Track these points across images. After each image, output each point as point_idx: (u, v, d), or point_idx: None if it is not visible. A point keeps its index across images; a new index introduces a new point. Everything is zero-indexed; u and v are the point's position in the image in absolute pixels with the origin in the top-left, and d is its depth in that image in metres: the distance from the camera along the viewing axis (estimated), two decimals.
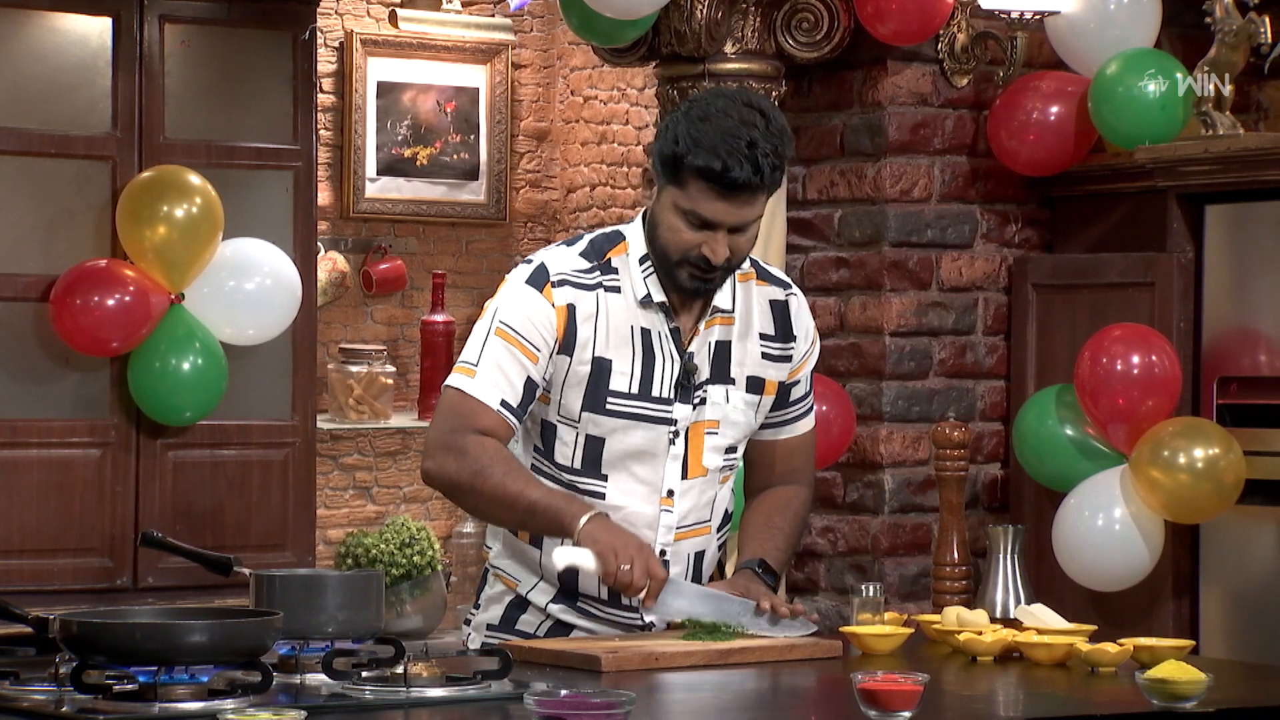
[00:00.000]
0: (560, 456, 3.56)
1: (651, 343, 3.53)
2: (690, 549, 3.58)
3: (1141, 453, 5.10)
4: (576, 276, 3.52)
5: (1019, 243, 5.77)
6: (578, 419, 3.53)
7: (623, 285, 3.53)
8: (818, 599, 5.74)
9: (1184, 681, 3.09)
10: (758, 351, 3.62)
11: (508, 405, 3.49)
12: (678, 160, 3.44)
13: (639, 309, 3.54)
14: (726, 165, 3.41)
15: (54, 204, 5.63)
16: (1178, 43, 5.65)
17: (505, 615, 3.63)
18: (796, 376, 3.68)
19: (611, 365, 3.51)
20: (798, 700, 3.27)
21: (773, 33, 5.55)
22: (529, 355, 3.49)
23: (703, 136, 3.42)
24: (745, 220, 3.48)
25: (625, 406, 3.52)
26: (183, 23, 5.77)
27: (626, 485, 3.54)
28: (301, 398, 5.91)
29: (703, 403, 3.57)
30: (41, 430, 5.60)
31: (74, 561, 5.63)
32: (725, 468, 3.62)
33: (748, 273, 3.65)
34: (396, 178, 6.92)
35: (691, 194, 3.45)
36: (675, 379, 3.55)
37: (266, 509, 5.84)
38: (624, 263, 3.55)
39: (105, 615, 2.97)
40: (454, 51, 7.00)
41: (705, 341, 3.57)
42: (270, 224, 5.85)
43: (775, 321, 3.64)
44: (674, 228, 3.48)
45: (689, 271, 3.50)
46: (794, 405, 3.70)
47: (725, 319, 3.60)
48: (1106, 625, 5.00)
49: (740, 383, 3.60)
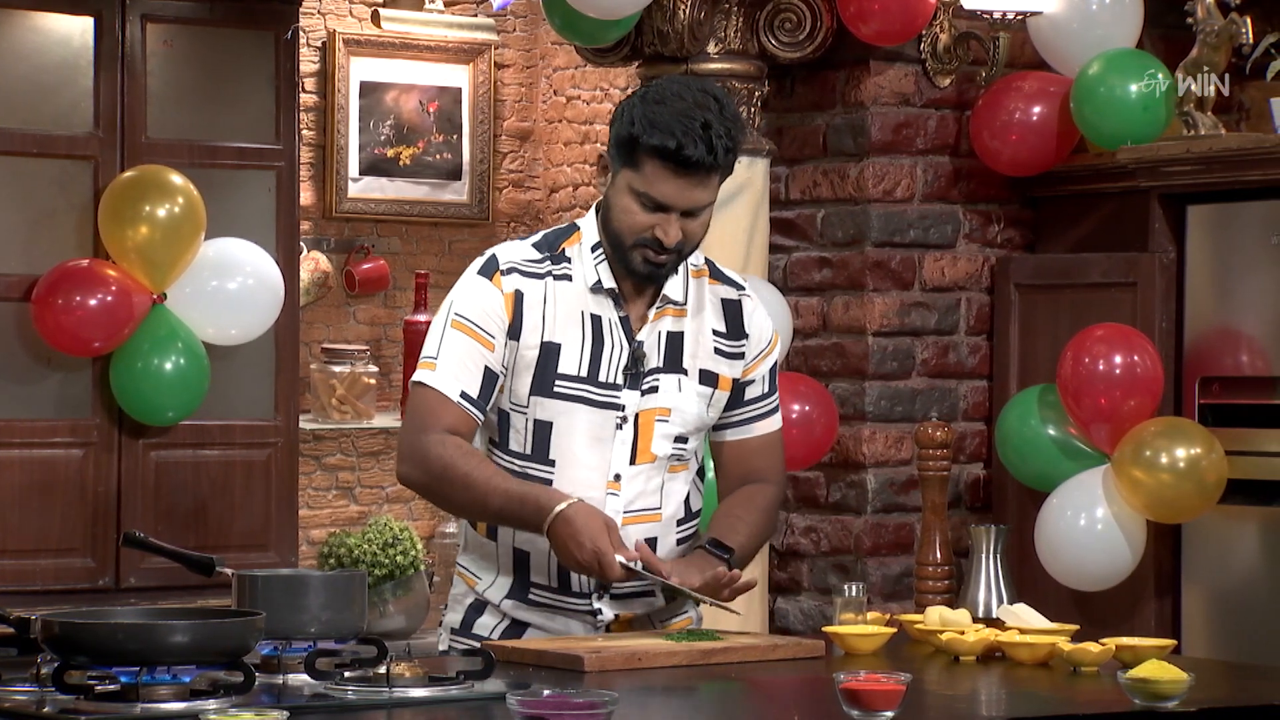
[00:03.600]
0: (514, 444, 3.60)
1: (601, 328, 3.58)
2: (639, 534, 3.59)
3: (1124, 452, 5.11)
4: (526, 265, 3.59)
5: (1001, 243, 5.78)
6: (526, 404, 3.57)
7: (574, 273, 3.59)
8: (801, 599, 5.75)
9: (1166, 681, 3.09)
10: (710, 346, 3.66)
11: (467, 396, 3.54)
12: (633, 141, 3.51)
13: (589, 295, 3.59)
14: (681, 144, 3.47)
15: (36, 204, 5.62)
16: (1160, 43, 5.66)
17: (465, 618, 3.66)
18: (751, 375, 3.70)
19: (560, 349, 3.56)
20: (780, 700, 3.27)
21: (755, 33, 5.55)
22: (485, 344, 3.55)
23: (658, 118, 3.49)
24: (698, 203, 3.53)
25: (572, 389, 3.56)
26: (165, 22, 5.76)
27: (573, 471, 3.57)
28: (284, 398, 5.90)
29: (653, 390, 3.60)
30: (23, 430, 5.59)
31: (56, 562, 5.61)
32: (674, 457, 3.62)
33: (701, 269, 3.70)
34: (379, 177, 6.91)
35: (646, 175, 3.51)
36: (623, 365, 3.58)
37: (249, 509, 5.83)
38: (577, 252, 3.61)
39: (87, 615, 2.97)
40: (437, 51, 6.99)
41: (655, 330, 3.61)
42: (253, 224, 5.84)
43: (727, 319, 3.68)
44: (628, 210, 3.54)
45: (642, 255, 3.55)
46: (752, 405, 3.72)
47: (677, 310, 3.63)
48: (1089, 625, 5.00)
49: (693, 374, 3.64)
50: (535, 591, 3.59)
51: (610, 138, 3.58)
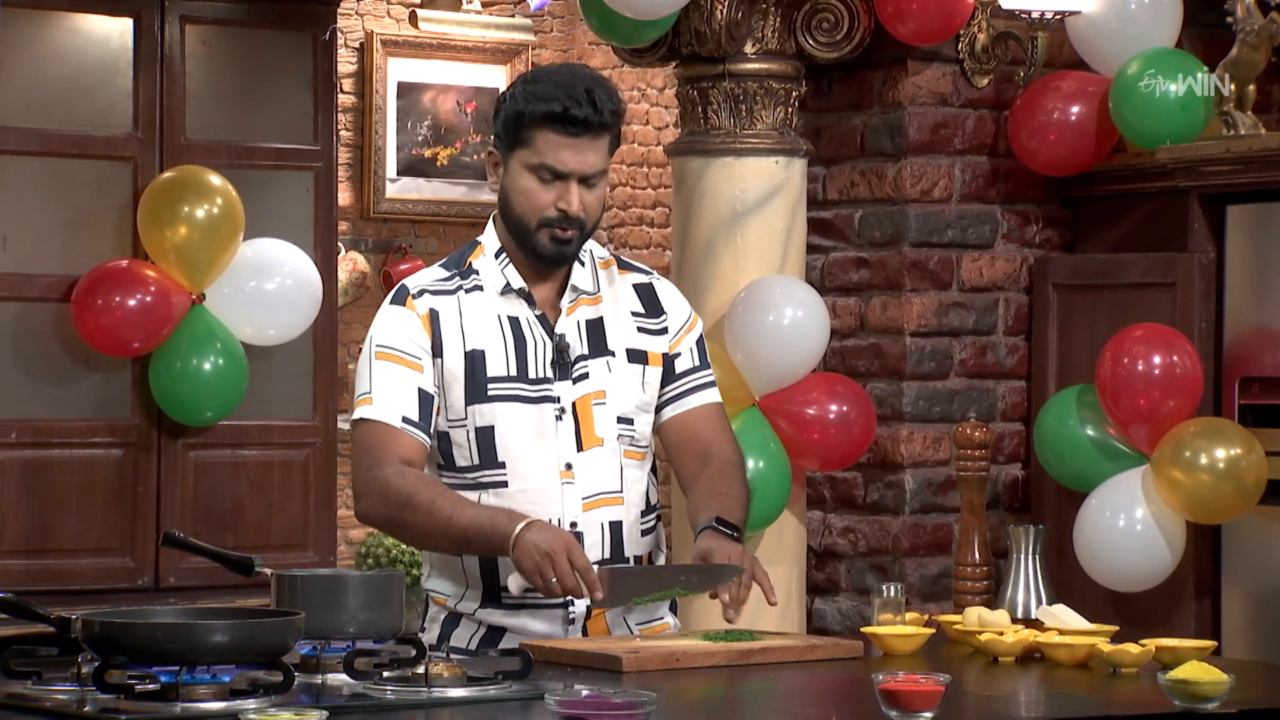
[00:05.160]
0: (460, 459, 3.62)
1: (520, 328, 3.63)
2: (603, 518, 3.61)
3: (1163, 453, 5.09)
4: (435, 285, 3.66)
5: (1040, 243, 5.77)
6: (464, 415, 3.61)
7: (484, 283, 3.65)
8: (838, 599, 5.74)
9: (1206, 682, 3.08)
10: (632, 325, 3.71)
11: (410, 420, 3.58)
12: (520, 117, 3.59)
13: (501, 299, 3.64)
14: (567, 106, 3.56)
15: (75, 204, 5.64)
16: (1199, 42, 5.64)
17: (440, 633, 3.67)
18: (677, 349, 3.74)
19: (484, 354, 3.61)
20: (818, 700, 3.26)
21: (793, 33, 5.54)
22: (412, 366, 3.60)
23: (540, 90, 3.59)
24: (593, 167, 3.60)
25: (505, 390, 3.60)
26: (203, 23, 5.78)
27: (524, 467, 3.60)
28: (322, 398, 5.92)
29: (584, 377, 3.64)
30: (63, 430, 5.61)
31: (96, 561, 5.64)
32: (625, 438, 3.65)
33: (609, 260, 3.76)
34: (417, 178, 6.93)
35: (539, 147, 3.58)
36: (550, 359, 3.62)
37: (287, 509, 5.85)
38: (483, 263, 3.68)
39: (127, 615, 2.97)
40: (474, 52, 7.00)
41: (574, 321, 3.66)
42: (291, 224, 5.86)
43: (643, 300, 3.74)
44: (527, 190, 3.61)
45: (548, 234, 3.60)
46: (684, 378, 3.75)
47: (591, 299, 3.69)
48: (1128, 626, 4.98)
49: (620, 354, 3.68)
50: (507, 596, 3.60)
51: (495, 128, 3.67)
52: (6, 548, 5.56)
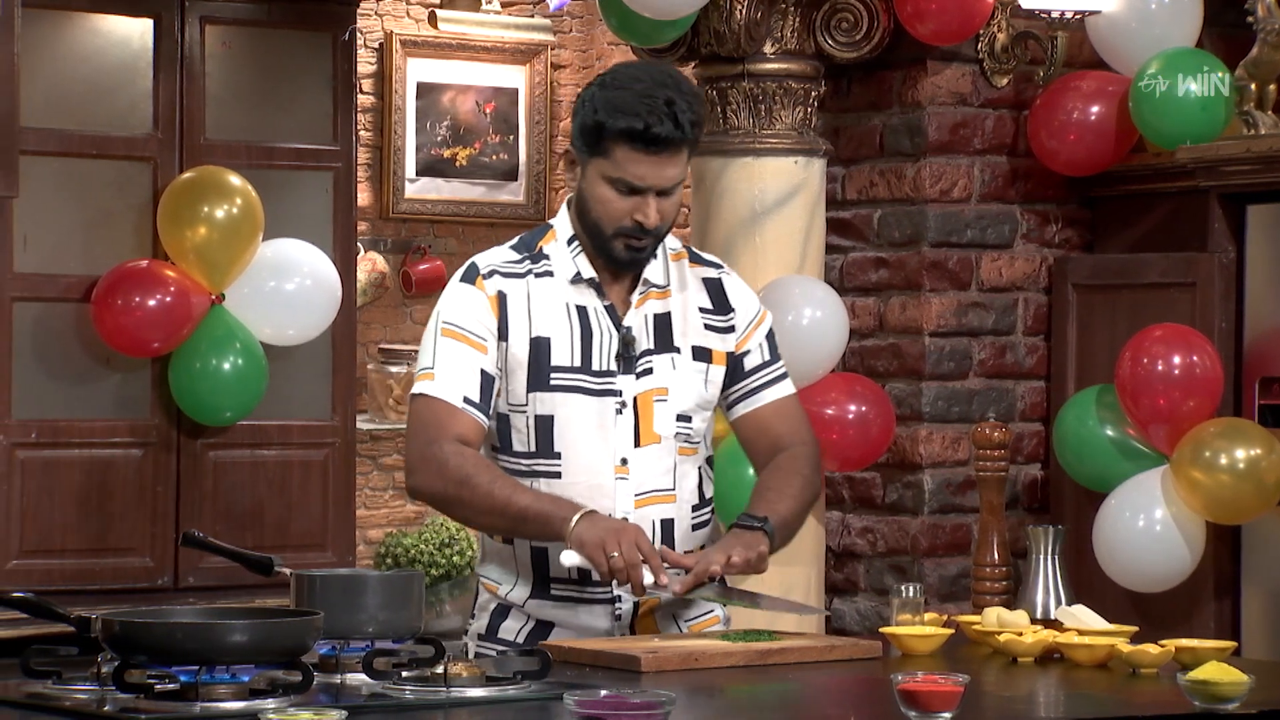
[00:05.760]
0: (517, 445, 3.61)
1: (588, 318, 3.61)
2: (655, 516, 3.60)
3: (1182, 453, 5.08)
4: (506, 267, 3.63)
5: (1059, 243, 5.76)
6: (525, 402, 3.60)
7: (555, 269, 3.63)
8: (857, 599, 5.74)
9: (1226, 683, 3.08)
10: (699, 322, 3.68)
11: (470, 401, 3.57)
12: (599, 129, 3.53)
13: (571, 287, 3.62)
14: (648, 123, 3.49)
15: (95, 205, 5.65)
16: (1219, 42, 5.63)
17: (490, 624, 3.67)
18: (745, 346, 3.72)
19: (550, 342, 3.59)
20: (837, 701, 3.26)
21: (812, 33, 5.54)
22: (477, 347, 3.58)
23: (620, 101, 3.52)
24: (671, 181, 3.56)
25: (568, 380, 3.59)
26: (223, 24, 5.79)
27: (580, 459, 3.59)
28: (341, 398, 5.93)
29: (648, 372, 3.62)
30: (83, 430, 5.62)
31: (115, 561, 5.65)
32: (681, 436, 3.63)
33: (680, 253, 3.72)
34: (436, 178, 6.93)
35: (617, 160, 3.53)
36: (615, 352, 3.60)
37: (306, 509, 5.85)
38: (554, 248, 3.64)
39: (147, 615, 2.98)
40: (493, 52, 7.01)
41: (642, 315, 3.64)
42: (310, 224, 5.86)
43: (711, 296, 3.70)
44: (604, 199, 3.56)
45: (623, 243, 3.57)
46: (755, 374, 3.73)
47: (660, 293, 3.66)
48: (1147, 626, 4.97)
49: (685, 351, 3.66)
50: (556, 587, 3.60)
51: (573, 130, 3.61)
52: (26, 547, 5.57)
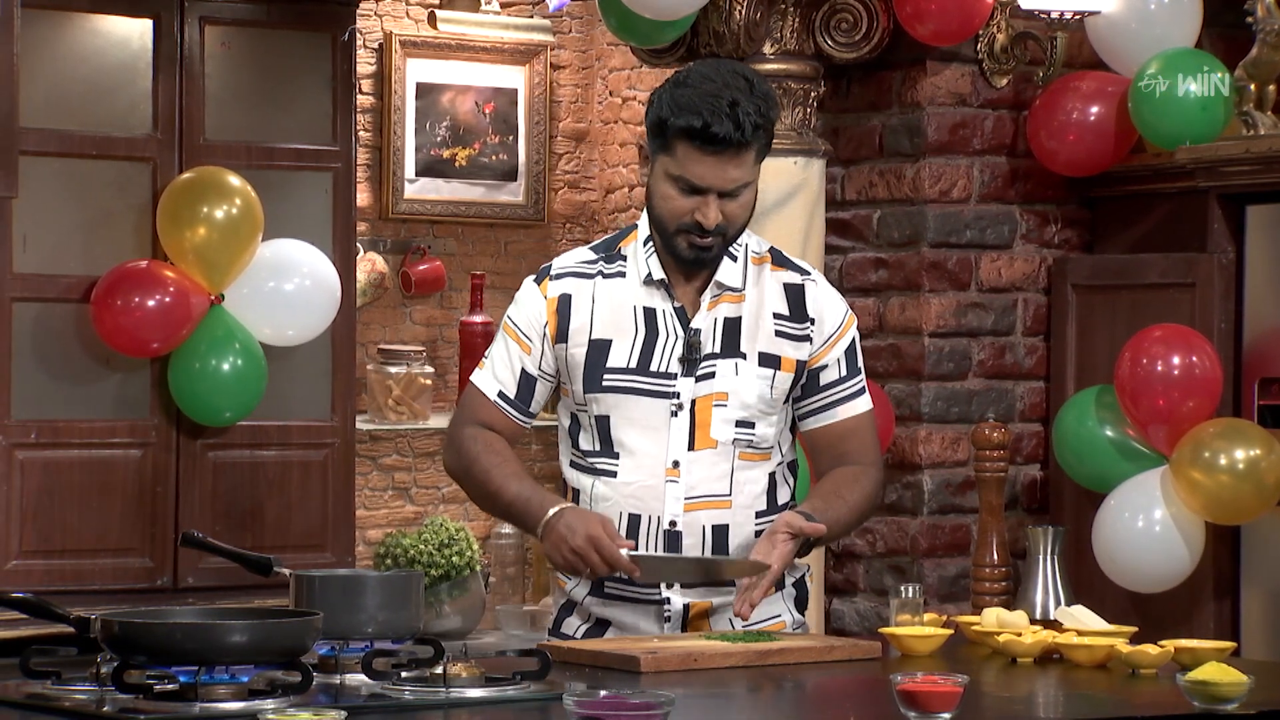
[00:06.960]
0: (584, 443, 3.67)
1: (655, 320, 3.63)
2: (706, 521, 3.60)
3: (1182, 454, 5.08)
4: (578, 268, 3.68)
5: (1059, 243, 5.76)
6: (585, 402, 3.63)
7: (629, 269, 3.65)
8: (857, 600, 5.74)
9: (1225, 683, 3.08)
10: (771, 329, 3.67)
11: (504, 396, 3.70)
12: (663, 125, 3.56)
13: (642, 288, 3.64)
14: (708, 122, 3.50)
15: (94, 205, 5.65)
16: (1219, 42, 5.64)
17: (556, 618, 3.75)
18: (823, 360, 3.69)
19: (610, 345, 3.63)
20: (837, 701, 3.26)
21: (811, 33, 5.54)
22: (523, 347, 3.68)
23: (685, 99, 3.54)
24: (734, 182, 3.55)
25: (621, 381, 3.61)
26: (223, 24, 5.78)
27: (633, 460, 3.62)
28: (341, 398, 5.92)
29: (709, 376, 3.62)
30: (82, 431, 5.62)
31: (114, 562, 5.64)
32: (740, 442, 3.62)
33: (764, 256, 3.71)
34: (435, 179, 6.92)
35: (679, 157, 3.54)
36: (678, 354, 3.60)
37: (306, 509, 5.85)
38: (633, 249, 3.68)
39: (146, 615, 2.98)
40: (492, 53, 7.00)
41: (712, 318, 3.63)
42: (309, 225, 5.86)
43: (789, 303, 3.69)
44: (666, 195, 3.58)
45: (686, 240, 3.58)
46: (831, 389, 3.71)
47: (734, 297, 3.65)
48: (1147, 627, 4.98)
49: (752, 357, 3.64)
50: (610, 585, 3.63)
51: (646, 126, 3.65)
52: (26, 548, 5.57)
